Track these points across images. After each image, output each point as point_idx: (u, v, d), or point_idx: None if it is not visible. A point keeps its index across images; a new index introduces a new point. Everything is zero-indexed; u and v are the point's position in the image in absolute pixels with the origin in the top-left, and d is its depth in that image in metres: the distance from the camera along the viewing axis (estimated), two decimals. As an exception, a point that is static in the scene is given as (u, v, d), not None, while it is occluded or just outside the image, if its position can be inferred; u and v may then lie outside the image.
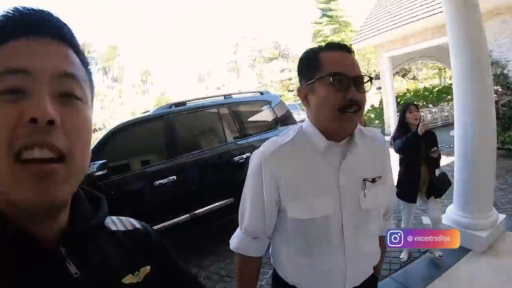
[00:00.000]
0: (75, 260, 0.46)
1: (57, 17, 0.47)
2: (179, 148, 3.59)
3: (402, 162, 3.05)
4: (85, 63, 0.49)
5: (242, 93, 5.35)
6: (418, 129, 2.76)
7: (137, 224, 0.62)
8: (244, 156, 3.74)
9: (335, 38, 32.34)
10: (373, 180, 1.00)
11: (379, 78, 10.31)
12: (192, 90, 42.50)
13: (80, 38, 0.46)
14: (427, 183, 2.93)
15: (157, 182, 3.27)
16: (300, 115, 13.04)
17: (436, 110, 11.53)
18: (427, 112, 11.31)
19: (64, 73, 0.44)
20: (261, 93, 4.72)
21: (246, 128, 4.10)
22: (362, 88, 0.93)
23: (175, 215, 3.31)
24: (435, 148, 2.88)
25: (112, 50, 40.38)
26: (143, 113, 4.59)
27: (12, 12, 0.43)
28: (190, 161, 3.56)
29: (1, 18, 0.43)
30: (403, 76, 10.70)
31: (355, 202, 0.98)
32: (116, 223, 0.60)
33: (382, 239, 1.10)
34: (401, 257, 3.01)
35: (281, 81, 35.94)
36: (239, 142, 3.90)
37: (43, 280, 0.42)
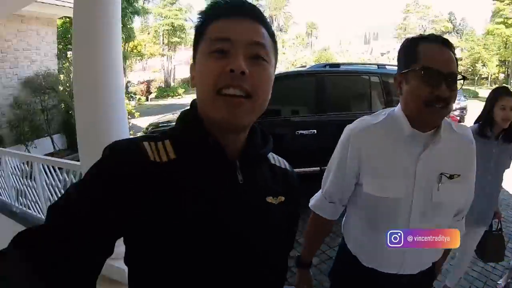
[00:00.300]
0: (243, 171, 0.65)
1: (250, 3, 0.64)
2: (325, 106, 3.91)
3: None
4: (272, 35, 0.66)
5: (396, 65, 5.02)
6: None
7: (289, 168, 0.80)
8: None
9: None
10: (451, 177, 1.01)
11: None
12: (355, 51, 40.64)
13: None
14: None
15: (299, 132, 3.72)
16: (460, 103, 11.31)
17: None
18: None
19: (255, 42, 0.61)
20: (378, 66, 4.51)
21: (393, 100, 4.03)
22: (453, 86, 0.93)
23: (308, 165, 3.69)
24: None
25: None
26: (300, 67, 5.02)
27: (225, 1, 0.63)
28: (332, 120, 3.84)
29: (215, 4, 0.63)
30: None
31: (427, 193, 1.00)
32: (275, 159, 0.78)
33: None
34: (498, 282, 2.64)
35: None
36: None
37: (221, 178, 0.62)
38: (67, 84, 8.38)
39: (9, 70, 7.66)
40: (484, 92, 28.72)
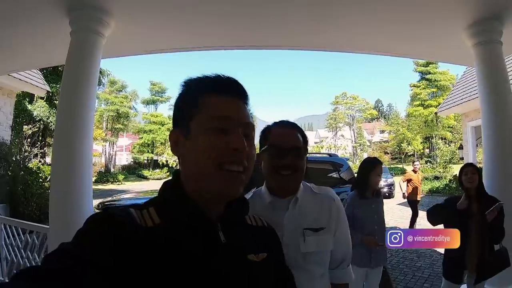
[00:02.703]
0: (225, 232, 0.70)
1: (241, 84, 0.73)
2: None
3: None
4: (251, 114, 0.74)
5: (315, 153, 6.65)
6: (487, 214, 2.40)
7: (266, 224, 0.87)
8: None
9: (433, 103, 31.57)
10: (316, 230, 1.19)
11: (462, 148, 9.80)
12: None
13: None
14: (476, 260, 2.48)
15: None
16: (387, 180, 13.49)
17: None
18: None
19: (249, 123, 0.71)
20: (330, 155, 5.87)
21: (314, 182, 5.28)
22: (297, 156, 1.19)
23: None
24: (494, 207, 2.41)
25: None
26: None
27: (217, 77, 0.72)
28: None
29: (212, 78, 0.71)
30: None
31: (296, 245, 1.15)
32: (251, 219, 0.84)
33: (341, 287, 1.29)
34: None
35: (380, 141, 34.20)
36: None
37: (205, 240, 0.66)
38: (18, 157, 8.48)
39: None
40: (411, 168, 32.59)
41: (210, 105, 0.67)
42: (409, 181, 8.16)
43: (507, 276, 2.70)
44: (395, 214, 10.57)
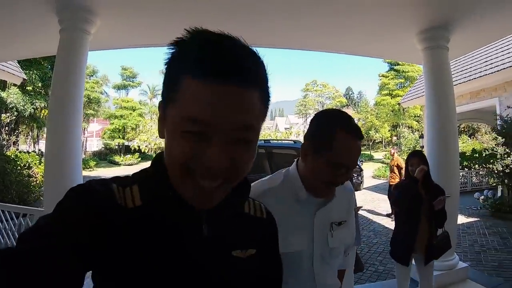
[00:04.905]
0: (211, 223, 0.61)
1: (253, 62, 0.52)
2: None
3: (397, 216, 2.96)
4: (266, 100, 0.55)
5: (280, 140, 7.27)
6: (434, 203, 2.59)
7: (265, 215, 0.76)
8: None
9: (400, 93, 32.50)
10: (340, 224, 1.16)
11: (422, 137, 10.56)
12: (262, 126, 45.18)
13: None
14: (426, 243, 2.66)
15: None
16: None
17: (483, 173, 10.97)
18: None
19: (242, 126, 0.50)
20: (294, 142, 6.55)
21: (278, 166, 5.93)
22: (352, 171, 1.08)
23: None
24: (441, 197, 2.63)
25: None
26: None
27: (216, 47, 0.49)
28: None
29: (207, 47, 0.49)
30: (470, 136, 10.41)
31: (324, 241, 1.12)
32: (251, 207, 0.74)
33: (341, 272, 1.30)
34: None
35: None
36: None
37: (184, 231, 0.58)
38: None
39: None
40: (379, 154, 34.16)
41: (189, 96, 0.49)
42: (400, 169, 7.40)
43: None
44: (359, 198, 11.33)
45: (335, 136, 1.01)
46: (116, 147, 34.80)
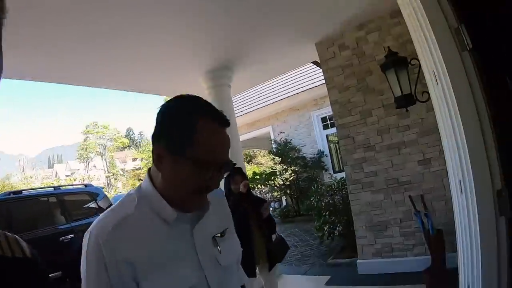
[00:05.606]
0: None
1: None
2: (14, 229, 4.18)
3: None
4: None
5: (69, 185, 6.64)
6: (241, 189, 2.76)
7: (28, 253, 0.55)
8: (69, 236, 4.78)
9: None
10: (223, 234, 0.95)
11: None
12: (40, 176, 38.14)
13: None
14: (265, 251, 2.79)
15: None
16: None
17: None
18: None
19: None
20: (85, 185, 6.04)
21: (72, 214, 5.19)
22: (224, 172, 0.86)
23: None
24: (265, 204, 2.84)
25: None
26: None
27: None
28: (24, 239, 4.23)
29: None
30: (248, 162, 12.67)
31: (214, 262, 0.89)
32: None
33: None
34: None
35: (133, 169, 34.98)
36: (63, 226, 4.96)
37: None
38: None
39: None
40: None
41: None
42: None
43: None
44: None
45: (196, 127, 0.78)
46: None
